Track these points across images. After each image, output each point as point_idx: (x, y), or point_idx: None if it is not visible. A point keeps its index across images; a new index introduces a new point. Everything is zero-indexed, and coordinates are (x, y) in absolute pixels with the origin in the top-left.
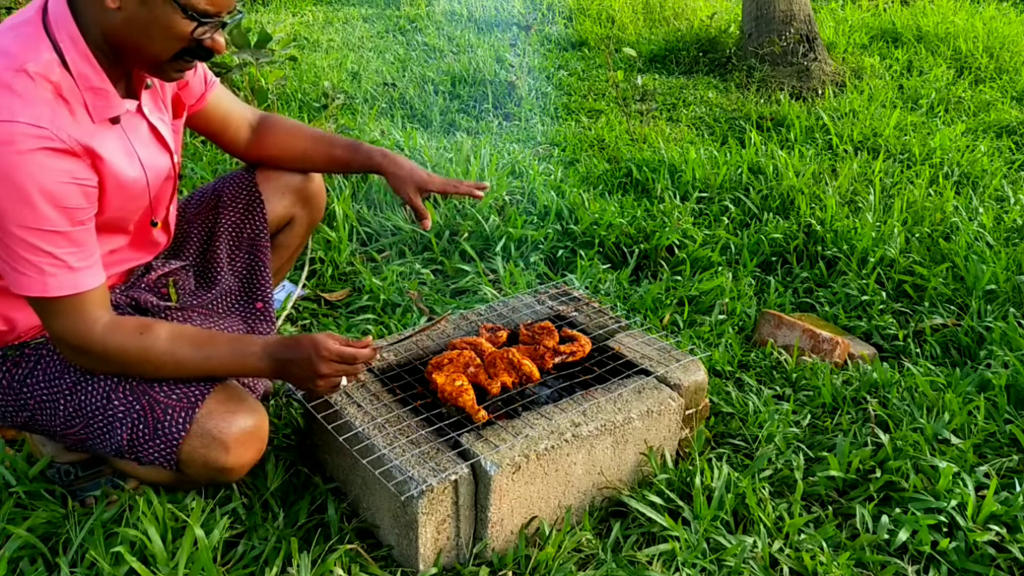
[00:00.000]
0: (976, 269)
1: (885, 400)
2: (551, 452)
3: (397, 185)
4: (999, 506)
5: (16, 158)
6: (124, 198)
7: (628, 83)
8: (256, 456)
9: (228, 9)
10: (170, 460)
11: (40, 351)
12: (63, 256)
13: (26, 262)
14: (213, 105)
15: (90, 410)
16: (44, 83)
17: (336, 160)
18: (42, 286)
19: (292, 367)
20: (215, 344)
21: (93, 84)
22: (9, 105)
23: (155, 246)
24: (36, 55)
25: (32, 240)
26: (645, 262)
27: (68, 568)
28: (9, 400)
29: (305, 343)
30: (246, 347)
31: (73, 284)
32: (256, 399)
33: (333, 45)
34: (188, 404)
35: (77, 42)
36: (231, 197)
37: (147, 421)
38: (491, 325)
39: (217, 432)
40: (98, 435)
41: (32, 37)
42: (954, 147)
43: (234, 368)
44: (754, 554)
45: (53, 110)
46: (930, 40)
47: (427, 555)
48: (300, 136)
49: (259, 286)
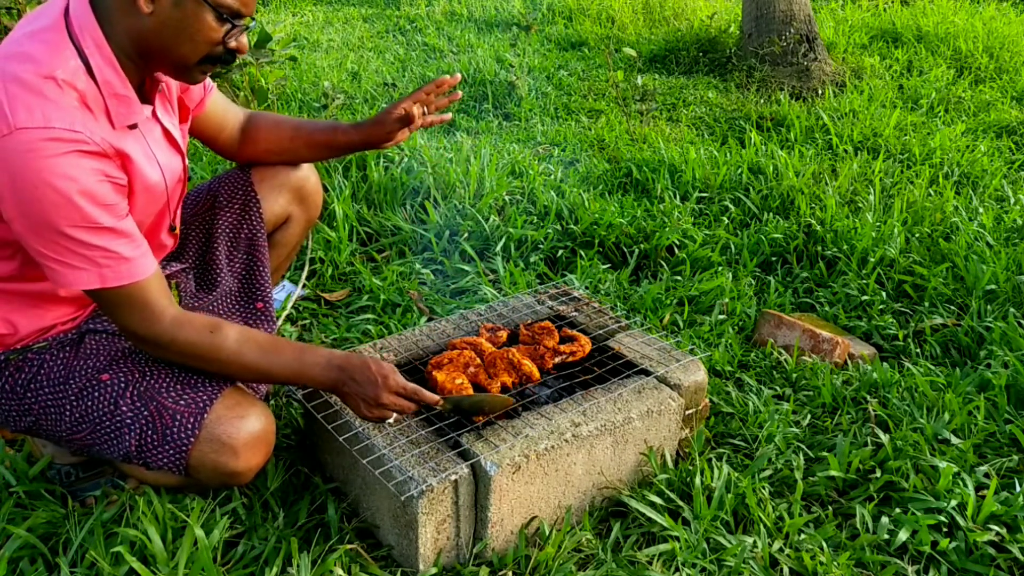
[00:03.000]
0: (976, 269)
1: (885, 400)
2: (551, 452)
3: (376, 132)
4: (999, 506)
5: (54, 161)
6: (147, 200)
7: (628, 83)
8: (264, 459)
9: (253, 11)
10: (179, 465)
11: (43, 356)
12: (115, 248)
13: (80, 257)
14: (211, 109)
15: (97, 416)
16: (71, 91)
17: (319, 143)
18: (98, 278)
19: (353, 385)
20: (281, 351)
21: (117, 91)
22: (44, 111)
23: (162, 249)
24: (63, 62)
25: (81, 237)
26: (645, 262)
27: (68, 568)
28: (12, 405)
29: (373, 366)
30: (311, 357)
31: (130, 272)
32: (263, 403)
33: (333, 45)
34: (197, 409)
35: (102, 48)
36: (227, 197)
37: (156, 427)
38: (491, 325)
39: (226, 437)
40: (105, 441)
41: (57, 43)
42: (954, 147)
43: (295, 377)
44: (754, 554)
45: (83, 116)
46: (930, 40)
47: (427, 555)
48: (282, 128)
49: (259, 286)
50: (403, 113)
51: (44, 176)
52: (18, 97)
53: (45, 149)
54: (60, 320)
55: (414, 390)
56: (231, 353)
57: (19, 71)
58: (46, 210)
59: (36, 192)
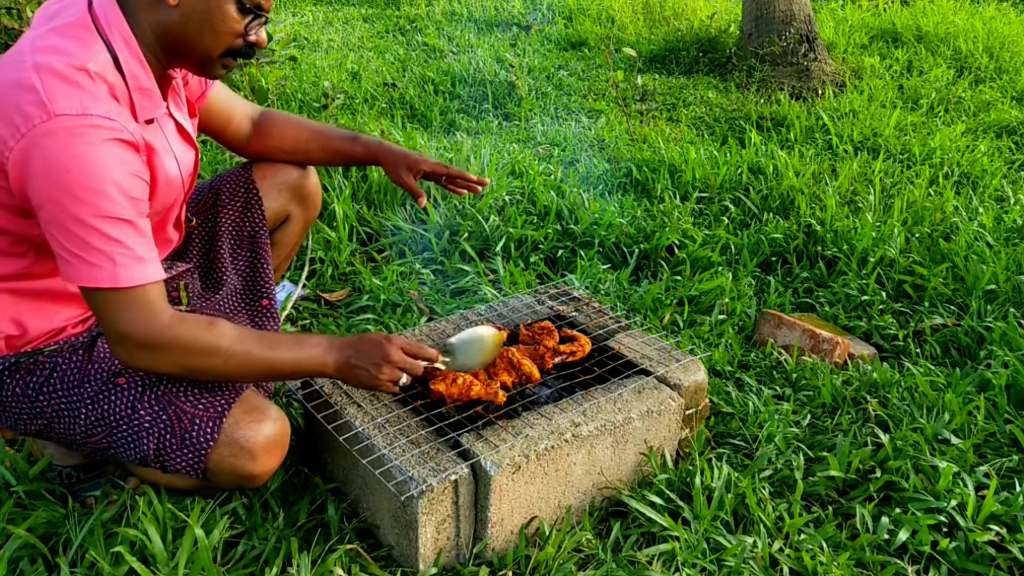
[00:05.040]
0: (976, 269)
1: (885, 400)
2: (551, 452)
3: (390, 169)
4: (999, 506)
5: (93, 149)
6: (166, 194)
7: (628, 83)
8: (279, 462)
9: (271, 5)
10: (198, 469)
11: (55, 359)
12: (133, 245)
13: (99, 252)
14: (214, 102)
15: (114, 420)
16: (102, 83)
17: (336, 151)
18: (112, 277)
19: (358, 358)
20: (279, 341)
21: (142, 84)
22: (81, 99)
23: (168, 244)
24: (94, 55)
25: (106, 229)
26: (645, 262)
27: (68, 568)
28: (24, 408)
29: (371, 335)
30: (309, 344)
31: (143, 274)
32: (278, 407)
33: (333, 45)
34: (215, 413)
35: (130, 43)
36: (229, 195)
37: (175, 431)
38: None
39: (245, 441)
40: (122, 445)
41: (86, 37)
42: (954, 147)
43: (297, 365)
44: (754, 554)
45: (116, 107)
46: (930, 40)
47: (427, 555)
48: (301, 128)
49: (262, 283)
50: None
51: (80, 162)
52: (55, 86)
53: (85, 136)
54: (70, 322)
55: (420, 347)
56: (230, 345)
57: (53, 62)
58: (75, 196)
59: (68, 176)
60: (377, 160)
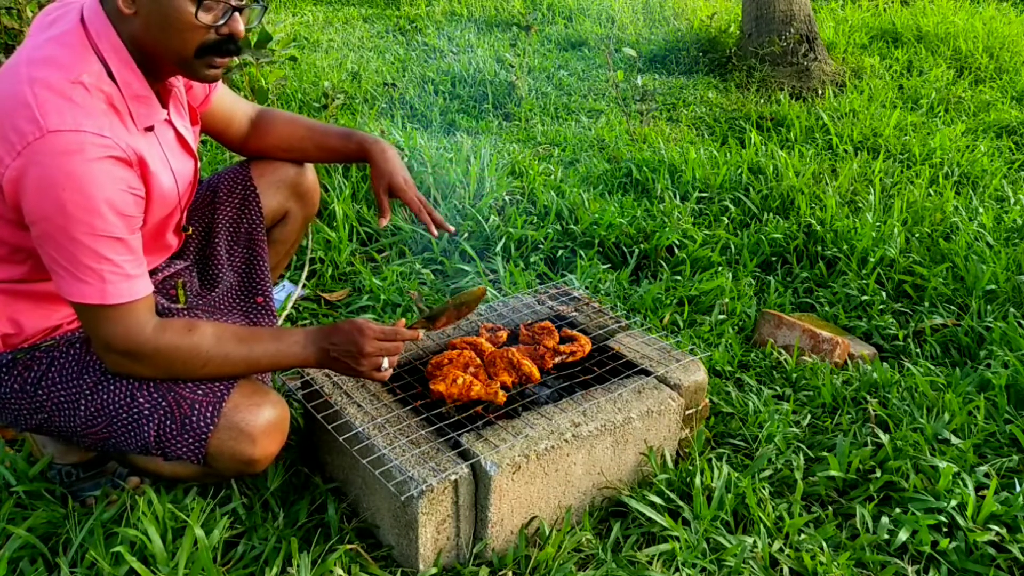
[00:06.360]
0: (976, 269)
1: (885, 400)
2: (551, 452)
3: (374, 175)
4: (999, 506)
5: (86, 166)
6: (160, 207)
7: (628, 83)
8: (279, 447)
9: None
10: (198, 454)
11: (52, 353)
12: (122, 263)
13: (89, 270)
14: (217, 105)
15: (113, 409)
16: (98, 93)
17: (331, 148)
18: (101, 294)
19: (336, 351)
20: (258, 338)
21: (137, 92)
22: (73, 115)
23: (167, 249)
24: (87, 66)
25: (96, 247)
26: (645, 262)
27: (68, 568)
28: (23, 404)
29: (345, 325)
30: (288, 337)
31: (130, 291)
32: (277, 392)
33: (333, 45)
34: (215, 398)
35: (119, 51)
36: (227, 193)
37: (175, 417)
38: (491, 325)
39: (244, 425)
40: (122, 433)
41: (78, 47)
42: (954, 147)
43: (278, 359)
44: (754, 554)
45: (110, 120)
46: (930, 40)
47: (427, 555)
48: (297, 126)
49: (258, 280)
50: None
51: (73, 180)
52: (48, 101)
53: (77, 153)
54: (66, 320)
55: (393, 331)
56: (210, 347)
57: (46, 75)
58: (68, 214)
59: (62, 195)
60: (369, 159)
